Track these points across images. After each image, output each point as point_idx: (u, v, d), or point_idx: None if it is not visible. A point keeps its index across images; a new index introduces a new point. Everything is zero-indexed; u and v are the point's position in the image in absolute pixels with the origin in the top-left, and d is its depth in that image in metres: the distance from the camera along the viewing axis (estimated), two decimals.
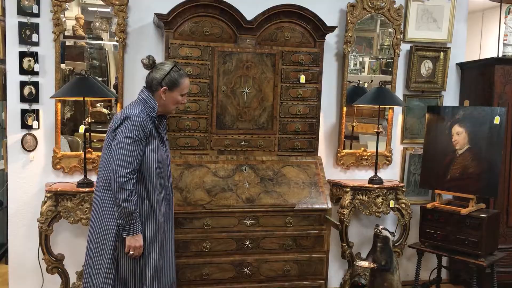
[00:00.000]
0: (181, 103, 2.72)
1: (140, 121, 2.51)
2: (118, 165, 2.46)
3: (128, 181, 2.46)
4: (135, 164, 2.49)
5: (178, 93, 2.67)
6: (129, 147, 2.48)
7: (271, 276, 3.36)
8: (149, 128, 2.56)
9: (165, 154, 2.70)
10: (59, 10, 3.37)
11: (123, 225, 2.50)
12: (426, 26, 4.08)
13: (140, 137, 2.51)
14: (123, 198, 2.45)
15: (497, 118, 3.50)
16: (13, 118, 3.46)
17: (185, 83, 2.69)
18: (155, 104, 2.62)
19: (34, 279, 3.54)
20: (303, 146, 3.62)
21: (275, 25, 3.48)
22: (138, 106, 2.60)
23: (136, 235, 2.52)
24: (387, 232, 3.46)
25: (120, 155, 2.47)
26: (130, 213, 2.48)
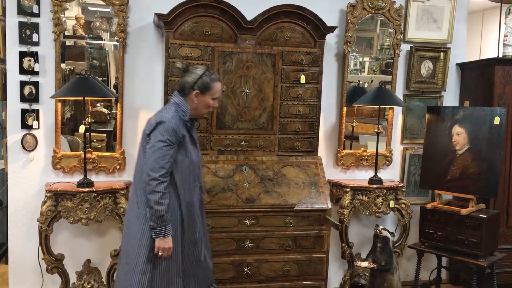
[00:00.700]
0: (213, 106, 2.75)
1: (173, 125, 2.56)
2: (151, 168, 2.51)
3: (160, 184, 2.50)
4: (167, 168, 2.53)
5: (210, 97, 2.70)
6: (162, 151, 2.52)
7: (271, 276, 3.36)
8: (181, 132, 2.60)
9: (196, 157, 2.75)
10: (59, 10, 3.38)
11: (154, 226, 2.54)
12: (426, 27, 4.08)
13: (173, 141, 2.55)
14: (155, 200, 2.49)
15: (497, 118, 3.50)
16: (13, 118, 3.46)
17: (216, 87, 2.72)
18: (187, 108, 2.66)
19: (34, 279, 3.55)
20: (303, 146, 3.62)
21: (275, 25, 3.48)
22: (171, 110, 2.64)
23: (166, 237, 2.56)
24: (387, 232, 3.46)
25: (153, 159, 2.52)
26: (161, 216, 2.51)
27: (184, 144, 2.63)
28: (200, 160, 2.82)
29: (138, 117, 3.66)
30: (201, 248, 2.80)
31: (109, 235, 3.66)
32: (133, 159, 3.65)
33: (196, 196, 2.76)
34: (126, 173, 3.64)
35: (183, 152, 2.62)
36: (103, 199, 3.28)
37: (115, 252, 3.47)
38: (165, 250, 2.57)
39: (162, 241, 2.55)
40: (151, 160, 2.52)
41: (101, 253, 3.64)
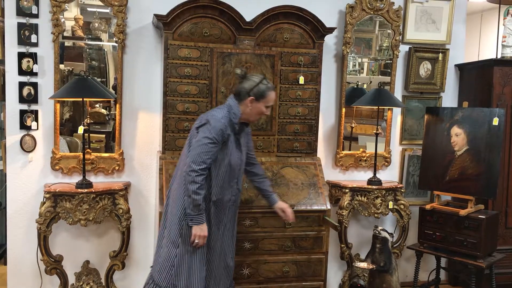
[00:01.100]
0: (265, 114, 2.85)
1: (221, 125, 2.69)
2: (193, 161, 2.66)
3: (199, 176, 2.65)
4: (208, 163, 2.67)
5: (264, 104, 2.80)
6: (206, 146, 2.66)
7: (270, 277, 3.35)
8: (227, 133, 2.73)
9: (239, 159, 2.85)
10: (58, 11, 3.37)
11: (190, 214, 2.68)
12: (425, 28, 4.09)
13: (218, 140, 2.68)
14: (193, 190, 2.64)
15: (496, 119, 3.50)
16: (12, 119, 3.46)
17: (271, 95, 2.81)
18: (239, 111, 2.78)
19: (33, 280, 3.54)
20: (302, 147, 3.62)
21: (274, 26, 3.48)
22: (223, 111, 2.77)
23: (202, 225, 2.70)
24: (386, 233, 3.47)
25: (197, 152, 2.67)
26: (198, 204, 2.66)
27: (228, 144, 2.75)
28: (242, 163, 2.90)
29: (137, 118, 3.66)
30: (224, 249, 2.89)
31: (108, 236, 3.66)
32: (132, 160, 3.66)
33: (229, 196, 2.85)
34: (125, 174, 3.64)
35: (225, 151, 2.74)
36: (102, 200, 3.28)
37: (114, 253, 3.47)
38: (201, 237, 2.70)
39: (198, 229, 2.69)
40: (195, 153, 2.67)
41: (100, 254, 3.64)
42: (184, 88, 3.38)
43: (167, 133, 3.39)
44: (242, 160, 2.89)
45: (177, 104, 3.38)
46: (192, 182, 2.64)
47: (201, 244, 2.72)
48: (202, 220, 2.70)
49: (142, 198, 3.72)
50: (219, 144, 2.69)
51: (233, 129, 2.77)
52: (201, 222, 2.70)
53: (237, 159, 2.83)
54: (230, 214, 2.90)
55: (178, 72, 3.36)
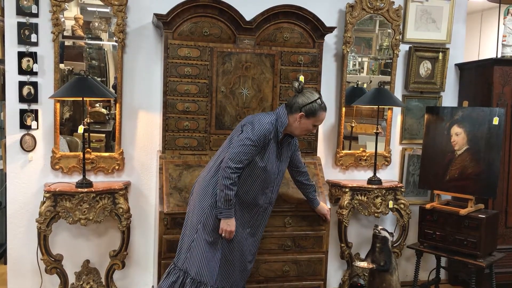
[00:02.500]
0: (311, 131, 2.92)
1: (266, 131, 2.74)
2: (231, 158, 2.72)
3: (234, 173, 2.71)
4: (244, 163, 2.73)
5: (312, 123, 2.84)
6: (247, 147, 2.72)
7: (270, 277, 3.35)
8: (269, 139, 2.78)
9: (276, 168, 2.88)
10: (58, 10, 3.37)
11: (221, 207, 2.74)
12: (425, 27, 4.09)
13: (260, 143, 2.74)
14: (226, 184, 2.71)
15: (496, 118, 3.50)
16: (12, 118, 3.46)
17: (322, 116, 2.85)
18: (286, 121, 2.82)
19: (33, 279, 3.54)
20: (302, 146, 3.62)
21: (274, 25, 3.48)
22: (272, 117, 2.82)
23: (229, 219, 2.76)
24: (386, 232, 3.46)
25: (237, 151, 2.72)
26: (229, 199, 2.72)
27: (266, 150, 2.79)
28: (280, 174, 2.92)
29: (137, 117, 3.66)
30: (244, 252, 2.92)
31: (108, 236, 3.66)
32: (132, 160, 3.66)
33: (261, 202, 2.89)
34: (125, 174, 3.64)
35: (262, 156, 2.79)
36: (102, 199, 3.28)
37: (114, 252, 3.47)
38: (227, 232, 2.77)
39: (225, 223, 2.76)
40: (234, 151, 2.72)
41: (100, 253, 3.64)
42: (184, 88, 3.38)
43: (167, 133, 3.39)
44: (280, 170, 2.92)
45: (177, 104, 3.38)
46: (226, 178, 2.70)
47: (227, 238, 2.78)
48: (230, 215, 2.75)
49: (142, 198, 3.72)
50: (259, 147, 2.74)
51: (276, 137, 2.82)
52: (230, 217, 2.75)
53: (274, 168, 2.86)
54: (258, 220, 2.93)
55: (178, 72, 3.36)
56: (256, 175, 2.80)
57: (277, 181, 2.94)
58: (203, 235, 2.79)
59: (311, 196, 3.21)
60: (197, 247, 2.79)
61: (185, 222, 2.93)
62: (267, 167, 2.81)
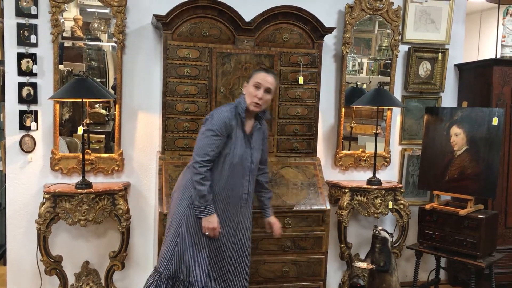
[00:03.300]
0: (255, 96, 2.74)
1: (225, 118, 2.70)
2: (197, 153, 2.70)
3: (203, 167, 2.67)
4: (211, 155, 2.69)
5: (251, 84, 2.76)
6: (209, 139, 2.68)
7: (269, 278, 3.35)
8: (231, 125, 2.72)
9: (248, 155, 2.80)
10: (57, 11, 3.37)
11: (198, 206, 2.71)
12: (425, 27, 4.09)
13: (221, 132, 2.69)
14: (197, 180, 2.68)
15: (495, 119, 3.50)
16: (11, 119, 3.46)
17: (258, 75, 2.77)
18: (245, 105, 2.76)
19: (33, 280, 3.54)
20: (302, 147, 3.62)
21: (274, 26, 3.48)
22: (231, 105, 2.80)
23: (210, 216, 2.71)
24: (386, 233, 3.46)
25: (200, 144, 2.71)
26: (203, 195, 2.67)
27: (232, 138, 2.74)
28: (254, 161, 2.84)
29: (137, 118, 3.66)
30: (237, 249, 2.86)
31: (108, 237, 3.66)
32: (131, 161, 3.66)
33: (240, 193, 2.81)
34: (124, 174, 3.64)
35: (230, 145, 2.73)
36: (101, 200, 3.28)
37: (114, 253, 3.47)
38: (210, 229, 2.71)
39: (206, 221, 2.71)
40: (198, 145, 2.72)
41: (99, 254, 3.64)
42: (183, 88, 3.38)
43: (166, 134, 3.39)
44: (254, 158, 2.84)
45: (177, 105, 3.38)
46: (196, 174, 2.67)
47: (213, 236, 2.73)
48: (209, 211, 2.70)
49: (142, 199, 3.72)
50: (222, 136, 2.69)
51: (241, 124, 2.76)
52: (209, 213, 2.70)
53: (245, 155, 2.79)
54: (244, 213, 2.87)
55: (178, 72, 3.36)
56: (229, 166, 2.74)
57: (252, 169, 2.84)
58: (185, 238, 2.73)
59: (266, 203, 3.05)
60: (183, 252, 2.73)
61: (167, 227, 2.87)
62: (237, 155, 2.74)
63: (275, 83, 2.80)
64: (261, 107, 2.78)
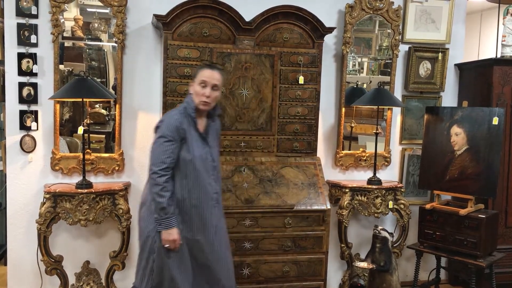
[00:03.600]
0: (203, 94, 2.67)
1: (176, 121, 2.62)
2: (153, 163, 2.61)
3: (161, 177, 2.57)
4: (168, 162, 2.59)
5: (197, 84, 2.70)
6: (163, 146, 2.59)
7: (270, 277, 3.36)
8: (183, 128, 2.64)
9: (208, 154, 2.74)
10: (57, 11, 3.37)
11: (158, 219, 2.61)
12: (425, 27, 4.09)
13: (175, 137, 2.61)
14: (156, 192, 2.58)
15: (495, 118, 3.50)
16: (12, 119, 3.46)
17: (203, 73, 2.69)
18: (193, 104, 2.70)
19: (33, 280, 3.54)
20: (302, 147, 3.62)
21: (274, 26, 3.48)
22: (180, 108, 2.73)
23: (170, 229, 2.61)
24: (386, 232, 3.46)
25: (155, 154, 2.62)
26: (163, 208, 2.58)
27: (188, 140, 2.65)
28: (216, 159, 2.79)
29: (137, 118, 3.66)
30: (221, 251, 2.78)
31: (108, 236, 3.66)
32: (132, 160, 3.66)
33: (210, 195, 2.73)
34: (125, 174, 3.64)
35: (186, 148, 2.65)
36: (102, 200, 3.28)
37: (114, 253, 3.47)
38: (170, 242, 2.61)
39: (166, 233, 2.60)
40: (153, 155, 2.62)
41: (100, 254, 3.64)
42: (183, 88, 3.38)
43: None
44: (214, 154, 2.78)
45: (177, 104, 3.37)
46: (154, 185, 2.57)
47: (173, 248, 2.62)
48: (170, 224, 2.59)
49: None
50: (176, 141, 2.60)
51: (194, 124, 2.69)
52: (169, 226, 2.59)
53: (205, 154, 2.71)
54: (217, 214, 2.78)
55: (178, 72, 3.36)
56: (192, 169, 2.65)
57: (216, 167, 2.78)
58: (162, 252, 2.64)
59: None
60: (161, 266, 2.66)
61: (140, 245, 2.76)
62: (197, 157, 2.66)
63: (221, 78, 2.75)
64: (210, 105, 2.72)
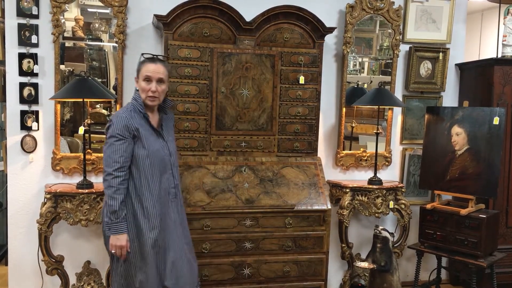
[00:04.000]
0: (149, 90, 2.62)
1: (123, 119, 2.56)
2: (106, 164, 2.54)
3: (115, 179, 2.51)
4: (121, 162, 2.53)
5: (142, 80, 2.65)
6: (114, 146, 2.53)
7: (270, 277, 3.36)
8: (135, 125, 2.57)
9: (165, 148, 2.69)
10: (58, 12, 3.38)
11: (108, 223, 2.54)
12: (425, 27, 4.09)
13: (125, 135, 2.54)
14: (109, 194, 2.52)
15: (496, 118, 3.50)
16: (13, 120, 3.46)
17: (145, 67, 2.63)
18: (141, 99, 2.65)
19: (34, 280, 3.54)
20: (303, 147, 3.62)
21: (274, 26, 3.48)
22: (128, 105, 2.68)
23: (119, 234, 2.53)
24: (387, 232, 3.47)
25: (107, 154, 2.55)
26: (114, 211, 2.51)
27: (141, 136, 2.58)
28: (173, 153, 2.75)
29: None
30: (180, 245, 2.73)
31: None
32: None
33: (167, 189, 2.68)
34: None
35: (140, 144, 2.59)
36: (102, 200, 3.28)
37: None
38: (118, 247, 2.54)
39: (115, 238, 2.54)
40: (105, 156, 2.55)
41: (101, 254, 3.64)
42: (184, 88, 3.38)
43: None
44: (171, 150, 2.73)
45: (177, 105, 3.38)
46: (108, 187, 2.51)
47: (119, 255, 2.56)
48: (120, 229, 2.52)
49: None
50: (127, 139, 2.54)
51: (144, 119, 2.62)
52: (119, 232, 2.52)
53: (162, 149, 2.66)
54: (175, 208, 2.73)
55: (178, 72, 3.36)
56: (149, 165, 2.59)
57: (173, 161, 2.73)
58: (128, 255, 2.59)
59: None
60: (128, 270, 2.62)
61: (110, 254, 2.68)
62: (154, 152, 2.60)
63: (166, 71, 2.68)
64: (158, 99, 2.67)
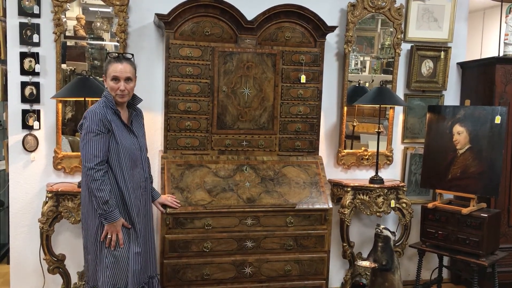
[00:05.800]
0: (118, 89, 2.67)
1: (98, 115, 2.61)
2: (86, 159, 2.59)
3: (98, 172, 2.57)
4: (101, 156, 2.59)
5: (110, 79, 2.68)
6: (91, 141, 2.59)
7: (272, 276, 3.36)
8: (108, 120, 2.63)
9: (136, 143, 2.76)
10: (59, 11, 3.38)
11: (102, 214, 2.60)
12: (427, 26, 4.08)
13: (101, 129, 2.60)
14: (95, 188, 2.57)
15: (498, 117, 3.50)
16: (14, 119, 3.47)
17: (111, 67, 2.68)
18: (111, 96, 2.69)
19: (36, 279, 3.55)
20: (304, 146, 3.62)
21: (276, 25, 3.48)
22: (100, 101, 2.71)
23: (115, 222, 2.62)
24: (388, 231, 3.46)
25: (85, 150, 2.60)
26: (106, 201, 2.58)
27: (114, 131, 2.65)
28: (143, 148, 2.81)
29: None
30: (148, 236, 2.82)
31: None
32: None
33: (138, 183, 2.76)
34: None
35: (115, 139, 2.65)
36: None
37: None
38: (113, 233, 2.63)
39: (112, 226, 2.62)
40: (84, 152, 2.61)
41: None
42: (185, 87, 3.38)
43: (168, 133, 3.40)
44: (142, 145, 2.81)
45: (179, 104, 3.39)
46: (92, 181, 2.56)
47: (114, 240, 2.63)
48: (115, 216, 2.61)
49: None
50: (103, 133, 2.60)
51: (115, 115, 2.68)
52: (115, 219, 2.61)
53: (133, 145, 2.73)
54: (145, 201, 2.82)
55: (180, 71, 3.36)
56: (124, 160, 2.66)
57: (143, 156, 2.81)
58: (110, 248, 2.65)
59: (151, 187, 2.98)
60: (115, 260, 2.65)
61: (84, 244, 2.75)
62: (126, 147, 2.67)
63: (132, 69, 2.74)
64: (128, 96, 2.73)
